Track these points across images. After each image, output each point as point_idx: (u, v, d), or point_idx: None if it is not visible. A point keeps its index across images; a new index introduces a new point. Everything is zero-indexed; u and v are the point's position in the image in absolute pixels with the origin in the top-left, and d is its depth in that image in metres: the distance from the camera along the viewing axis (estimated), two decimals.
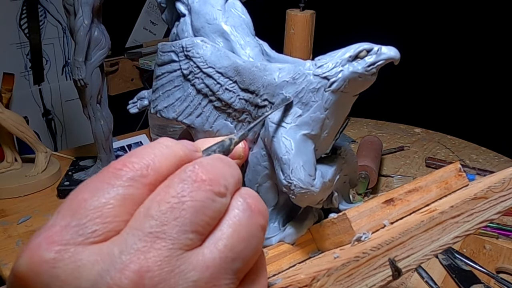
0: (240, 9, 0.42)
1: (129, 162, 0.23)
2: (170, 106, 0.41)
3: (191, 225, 0.21)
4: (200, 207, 0.22)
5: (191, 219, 0.21)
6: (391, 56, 0.32)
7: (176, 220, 0.21)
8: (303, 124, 0.34)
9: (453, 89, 1.68)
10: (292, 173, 0.32)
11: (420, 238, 0.28)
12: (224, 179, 0.23)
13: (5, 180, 1.03)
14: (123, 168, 0.23)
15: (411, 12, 1.71)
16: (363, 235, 0.32)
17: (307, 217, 0.36)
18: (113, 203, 0.22)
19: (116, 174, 0.22)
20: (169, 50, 0.40)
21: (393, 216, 0.34)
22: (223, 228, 0.22)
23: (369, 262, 0.27)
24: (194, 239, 0.21)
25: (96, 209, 0.21)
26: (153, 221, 0.21)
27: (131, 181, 0.22)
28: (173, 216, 0.21)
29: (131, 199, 0.22)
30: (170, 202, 0.21)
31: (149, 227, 0.21)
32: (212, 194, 0.22)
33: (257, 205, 0.24)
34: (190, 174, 0.22)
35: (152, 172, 0.23)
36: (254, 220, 0.23)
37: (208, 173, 0.23)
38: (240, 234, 0.22)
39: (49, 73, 1.56)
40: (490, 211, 0.30)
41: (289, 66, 0.36)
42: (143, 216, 0.21)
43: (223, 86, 0.38)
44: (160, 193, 0.22)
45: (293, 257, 0.35)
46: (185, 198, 0.21)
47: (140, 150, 0.24)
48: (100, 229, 0.21)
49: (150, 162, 0.23)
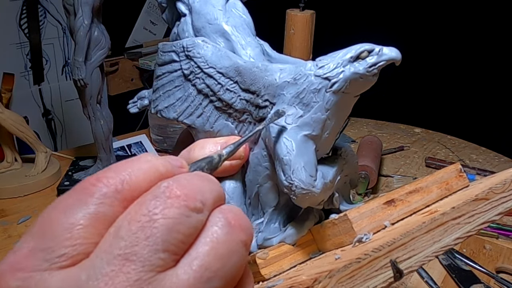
0: (241, 9, 0.42)
1: (103, 177, 0.21)
2: (171, 106, 0.41)
3: (163, 244, 0.20)
4: (173, 225, 0.20)
5: (163, 237, 0.20)
6: (392, 56, 0.32)
7: (147, 240, 0.20)
8: (304, 124, 0.34)
9: (453, 89, 1.68)
10: (293, 173, 0.32)
11: (422, 239, 0.28)
12: (201, 194, 0.22)
13: (5, 180, 1.03)
14: (96, 184, 0.21)
15: (411, 12, 1.71)
16: (364, 236, 0.32)
17: (308, 217, 0.36)
18: (83, 223, 0.20)
19: (89, 191, 0.21)
20: (169, 50, 0.40)
21: (394, 217, 0.34)
22: (198, 246, 0.21)
23: (370, 264, 0.27)
24: (167, 259, 0.20)
25: (65, 231, 0.20)
26: (122, 242, 0.20)
27: (104, 198, 0.21)
28: (144, 235, 0.20)
29: (104, 218, 0.21)
30: (140, 221, 0.20)
31: (118, 249, 0.19)
32: (186, 210, 0.21)
33: (238, 221, 0.22)
34: (164, 190, 0.21)
35: (128, 187, 0.21)
36: (234, 236, 0.22)
37: (183, 189, 0.21)
38: (218, 251, 0.21)
39: (49, 73, 1.56)
40: (491, 212, 0.30)
41: (290, 66, 0.36)
42: (112, 237, 0.20)
43: (224, 86, 0.38)
44: (131, 211, 0.21)
45: (294, 257, 0.35)
46: (157, 216, 0.20)
47: (118, 165, 0.23)
48: (68, 252, 0.20)
49: (126, 177, 0.22)
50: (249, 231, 0.23)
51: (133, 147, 1.28)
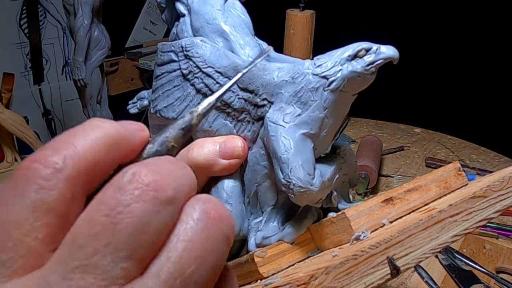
0: (239, 9, 0.42)
1: (40, 157, 0.18)
2: (170, 106, 0.41)
3: (127, 251, 0.17)
4: (139, 225, 0.17)
5: (127, 242, 0.17)
6: (390, 55, 0.32)
7: (109, 247, 0.17)
8: (302, 123, 0.34)
9: (453, 89, 1.68)
10: (291, 172, 0.32)
11: (419, 236, 0.28)
12: (174, 179, 0.18)
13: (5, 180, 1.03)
14: (32, 166, 0.18)
15: (411, 12, 1.71)
16: (362, 234, 0.32)
17: (306, 216, 0.37)
18: (22, 216, 0.17)
19: (25, 177, 0.18)
20: (168, 50, 0.40)
21: (392, 215, 0.34)
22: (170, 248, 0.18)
23: (367, 261, 0.27)
24: (131, 268, 0.17)
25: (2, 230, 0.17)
26: (80, 252, 0.17)
27: (43, 181, 0.17)
28: (105, 241, 0.17)
29: (45, 206, 0.17)
30: (102, 224, 0.17)
31: (75, 260, 0.17)
32: (156, 203, 0.17)
33: (218, 211, 0.19)
34: (130, 179, 0.18)
35: (71, 163, 0.18)
36: (213, 231, 0.19)
37: (153, 174, 0.18)
38: (192, 253, 0.18)
39: (49, 73, 1.57)
40: (489, 210, 0.30)
41: (288, 65, 0.36)
42: (69, 245, 0.17)
43: (223, 85, 0.38)
44: (90, 211, 0.17)
45: (293, 256, 0.35)
46: (121, 215, 0.17)
47: (59, 137, 0.19)
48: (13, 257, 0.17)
49: (70, 152, 0.18)
50: (231, 222, 0.20)
51: None
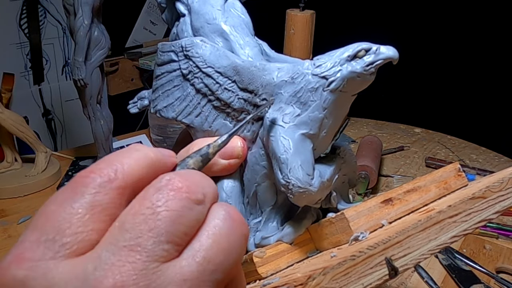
0: (239, 9, 0.42)
1: (96, 169, 0.22)
2: (170, 106, 0.41)
3: (167, 236, 0.21)
4: (176, 217, 0.21)
5: (166, 229, 0.21)
6: (389, 55, 0.32)
7: (151, 232, 0.20)
8: (301, 123, 0.34)
9: (453, 89, 1.68)
10: (290, 172, 0.32)
11: (417, 237, 0.28)
12: (201, 187, 0.23)
13: (5, 180, 1.03)
14: (89, 175, 0.22)
15: (411, 12, 1.71)
16: (360, 235, 0.32)
17: (306, 216, 0.36)
18: (81, 212, 0.21)
19: (83, 182, 0.22)
20: (168, 50, 0.40)
21: (392, 216, 0.34)
22: (202, 239, 0.22)
23: (365, 261, 0.27)
24: (171, 250, 0.21)
25: (64, 220, 0.21)
26: (127, 234, 0.20)
27: (98, 188, 0.22)
28: (148, 227, 0.20)
29: (100, 206, 0.21)
30: (144, 214, 0.21)
31: (123, 241, 0.20)
32: (189, 201, 0.22)
33: (239, 215, 0.23)
34: (166, 183, 0.22)
35: (121, 176, 0.22)
36: (236, 230, 0.23)
37: (185, 181, 0.22)
38: (220, 245, 0.22)
39: (49, 73, 1.57)
40: (488, 211, 0.30)
41: (288, 65, 0.36)
42: (117, 230, 0.21)
43: (222, 85, 0.38)
44: (135, 205, 0.21)
45: (291, 256, 0.35)
46: (160, 208, 0.21)
47: (109, 156, 0.23)
48: (71, 241, 0.20)
49: (118, 166, 0.22)
50: (246, 225, 0.24)
51: None
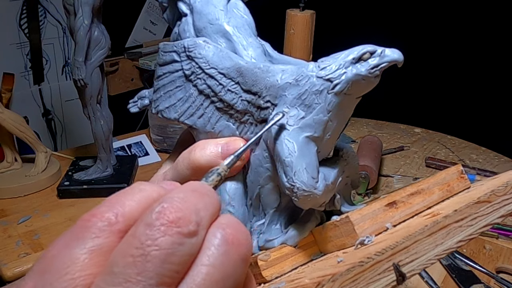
0: (242, 9, 0.42)
1: (97, 212, 0.22)
2: (172, 107, 0.40)
3: (156, 278, 0.20)
4: (165, 256, 0.20)
5: (156, 271, 0.20)
6: (394, 58, 0.32)
7: (140, 275, 0.20)
8: (306, 126, 0.34)
9: (453, 89, 1.68)
10: (295, 175, 0.32)
11: (424, 242, 0.28)
12: (196, 214, 0.22)
13: (5, 180, 1.03)
14: (91, 219, 0.22)
15: (410, 12, 1.71)
16: (366, 239, 0.32)
17: (310, 219, 0.36)
18: (79, 257, 0.21)
19: (85, 226, 0.22)
20: (170, 50, 0.40)
21: (396, 219, 0.34)
22: (194, 274, 0.21)
23: (373, 267, 0.27)
24: None
25: (64, 265, 0.21)
26: (115, 279, 0.20)
27: (99, 232, 0.22)
28: (136, 270, 0.20)
29: (100, 250, 0.21)
30: (133, 255, 0.20)
31: (111, 285, 0.20)
32: (179, 237, 0.21)
33: (236, 235, 0.22)
34: (156, 216, 0.21)
35: (122, 219, 0.22)
36: (232, 255, 0.22)
37: (176, 211, 0.21)
38: (214, 277, 0.21)
39: (49, 73, 1.56)
40: (493, 215, 0.30)
41: (292, 67, 0.36)
42: (107, 273, 0.21)
43: (225, 87, 0.38)
44: (125, 244, 0.21)
45: (296, 259, 0.35)
46: (149, 248, 0.20)
47: (111, 198, 0.23)
48: (68, 285, 0.20)
49: (120, 209, 0.22)
50: (248, 242, 0.23)
51: (133, 147, 1.28)
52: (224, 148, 0.36)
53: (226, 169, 0.30)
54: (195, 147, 0.37)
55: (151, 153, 1.26)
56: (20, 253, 0.84)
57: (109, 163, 1.08)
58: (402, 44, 0.42)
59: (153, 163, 1.21)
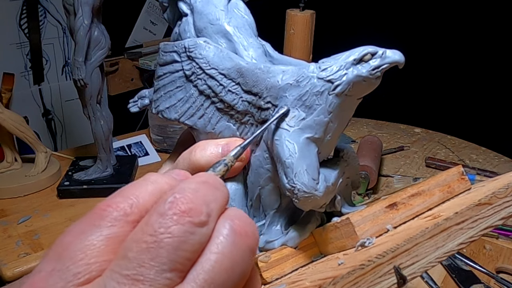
0: (243, 9, 0.42)
1: (113, 202, 0.23)
2: (172, 107, 0.40)
3: (169, 264, 0.21)
4: (178, 243, 0.21)
5: (169, 257, 0.21)
6: (395, 59, 0.32)
7: (154, 261, 0.21)
8: (306, 127, 0.34)
9: (453, 89, 1.68)
10: (295, 177, 0.32)
11: (425, 245, 0.28)
12: (206, 205, 0.23)
13: (5, 180, 1.03)
14: (107, 209, 0.23)
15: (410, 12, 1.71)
16: (367, 241, 0.32)
17: (310, 220, 0.36)
18: (96, 244, 0.22)
19: (100, 215, 0.23)
20: (171, 50, 0.40)
21: (396, 220, 0.34)
22: (203, 261, 0.22)
23: (374, 270, 0.27)
24: (174, 277, 0.21)
25: (79, 251, 0.22)
26: (129, 263, 0.21)
27: (114, 221, 0.22)
28: (150, 256, 0.21)
29: (115, 238, 0.22)
30: (146, 242, 0.21)
31: (126, 269, 0.21)
32: (191, 226, 0.22)
33: (244, 227, 0.23)
34: (169, 206, 0.22)
35: (136, 210, 0.23)
36: (240, 245, 0.23)
37: (188, 202, 0.22)
38: (223, 264, 0.22)
39: (49, 73, 1.56)
40: (494, 217, 0.30)
41: (293, 68, 0.35)
42: (121, 258, 0.21)
43: (226, 87, 0.38)
44: (138, 232, 0.22)
45: (296, 261, 0.35)
46: (162, 235, 0.21)
47: (126, 189, 0.24)
48: (83, 271, 0.21)
49: (134, 201, 0.23)
50: (255, 234, 0.24)
51: (133, 147, 1.28)
52: (225, 149, 0.36)
53: (233, 160, 0.31)
54: (195, 147, 0.37)
55: (151, 153, 1.26)
56: (20, 253, 0.84)
57: (109, 163, 1.08)
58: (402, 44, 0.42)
59: (153, 163, 1.21)
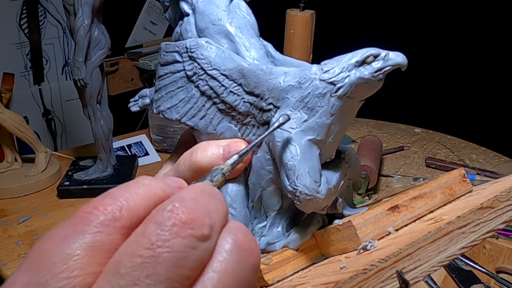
0: (245, 9, 0.42)
1: (100, 204, 0.20)
2: (173, 107, 0.40)
3: (166, 283, 0.18)
4: (177, 259, 0.19)
5: (166, 275, 0.18)
6: (398, 62, 0.32)
7: (149, 278, 0.18)
8: (308, 129, 0.34)
9: (453, 89, 1.68)
10: (297, 179, 0.32)
11: (428, 249, 0.28)
12: (209, 217, 0.20)
13: (5, 180, 1.03)
14: (93, 212, 0.20)
15: (410, 12, 1.71)
16: (369, 244, 0.32)
17: (312, 222, 0.36)
18: (79, 253, 0.19)
19: (85, 219, 0.20)
20: (172, 50, 0.40)
21: (398, 223, 0.34)
22: (205, 280, 0.19)
23: (377, 275, 0.26)
24: None
25: (60, 262, 0.19)
26: (121, 280, 0.18)
27: (101, 226, 0.20)
28: (146, 273, 0.18)
29: (101, 248, 0.19)
30: (142, 256, 0.18)
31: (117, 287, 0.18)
32: (193, 240, 0.19)
33: (249, 242, 0.21)
34: (168, 216, 0.19)
35: (126, 214, 0.20)
36: (244, 263, 0.20)
37: (189, 212, 0.20)
38: (225, 284, 0.20)
39: (49, 73, 1.56)
40: (496, 221, 0.30)
41: (295, 70, 0.35)
42: (112, 273, 0.19)
43: (228, 88, 0.37)
44: (133, 243, 0.19)
45: (297, 263, 0.35)
46: (160, 249, 0.19)
47: (115, 190, 0.21)
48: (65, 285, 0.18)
49: (124, 203, 0.20)
50: (258, 250, 0.22)
51: (133, 147, 1.28)
52: (226, 150, 0.36)
53: (231, 169, 0.29)
54: (196, 148, 0.37)
55: (151, 153, 1.26)
56: (20, 253, 0.84)
57: (109, 163, 1.08)
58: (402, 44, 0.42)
59: (153, 163, 1.21)
